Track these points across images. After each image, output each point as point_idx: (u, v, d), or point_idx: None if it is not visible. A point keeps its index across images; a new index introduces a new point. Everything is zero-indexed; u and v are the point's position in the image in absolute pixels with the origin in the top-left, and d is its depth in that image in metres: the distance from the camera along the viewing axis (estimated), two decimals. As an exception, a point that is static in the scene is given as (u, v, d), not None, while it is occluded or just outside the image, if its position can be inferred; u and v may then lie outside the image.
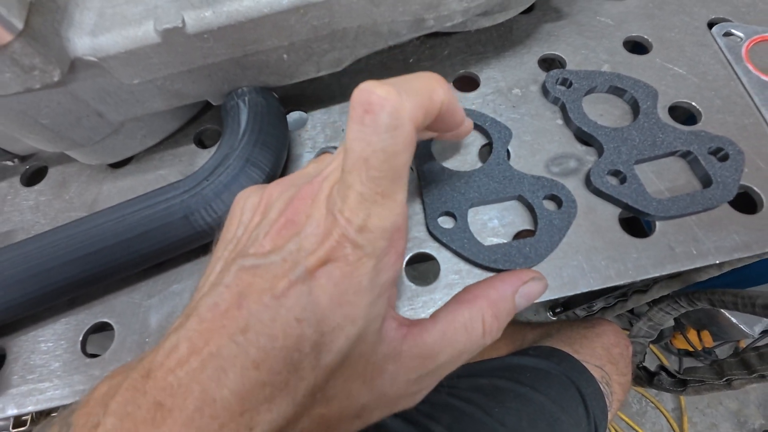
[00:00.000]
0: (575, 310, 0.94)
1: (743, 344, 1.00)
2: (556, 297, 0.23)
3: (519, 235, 0.25)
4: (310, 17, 0.23)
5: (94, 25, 0.21)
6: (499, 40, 0.32)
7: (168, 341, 0.14)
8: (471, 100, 0.30)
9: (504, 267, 0.24)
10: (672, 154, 0.26)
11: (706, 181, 0.25)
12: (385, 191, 0.13)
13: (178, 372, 0.13)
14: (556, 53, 0.31)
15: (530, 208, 0.25)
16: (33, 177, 0.30)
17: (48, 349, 0.25)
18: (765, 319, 0.96)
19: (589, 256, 0.24)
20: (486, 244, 0.24)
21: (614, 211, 0.25)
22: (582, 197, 0.25)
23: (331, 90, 0.31)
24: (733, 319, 0.93)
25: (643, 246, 0.24)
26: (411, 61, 0.32)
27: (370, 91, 0.13)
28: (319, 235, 0.14)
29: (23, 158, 0.30)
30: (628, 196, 0.24)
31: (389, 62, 0.32)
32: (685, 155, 0.26)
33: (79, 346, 0.24)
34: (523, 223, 0.25)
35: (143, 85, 0.24)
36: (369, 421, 0.15)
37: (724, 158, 0.25)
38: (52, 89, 0.21)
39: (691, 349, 1.01)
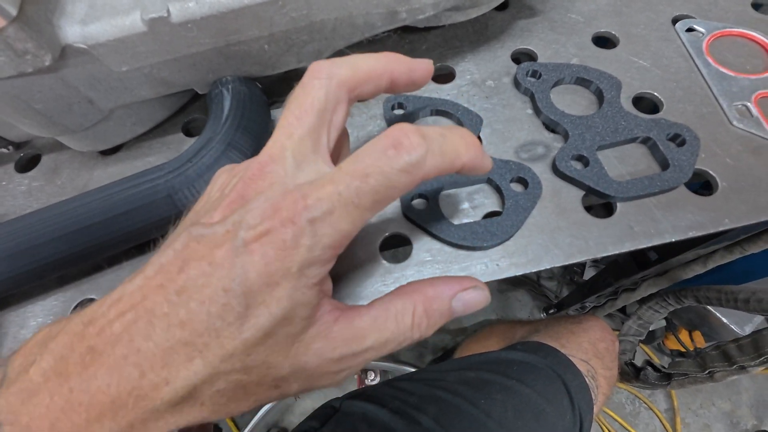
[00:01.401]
0: (568, 310, 0.95)
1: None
2: (523, 272, 0.25)
3: (488, 216, 0.26)
4: (289, 9, 0.24)
5: (85, 15, 0.23)
6: (474, 35, 0.34)
7: (114, 293, 0.15)
8: (446, 91, 0.31)
9: (472, 244, 0.25)
10: (633, 140, 0.27)
11: (664, 165, 0.26)
12: (361, 203, 0.14)
13: (114, 323, 0.14)
14: (529, 48, 0.33)
15: (498, 190, 0.27)
16: (27, 164, 0.32)
17: (37, 324, 0.26)
18: (755, 318, 0.97)
19: (554, 235, 0.25)
20: (456, 223, 0.26)
21: (578, 194, 0.26)
22: (548, 181, 0.27)
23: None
24: (724, 319, 0.94)
25: (604, 225, 0.25)
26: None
27: (406, 134, 0.14)
28: (264, 210, 0.14)
29: (18, 146, 0.31)
30: (590, 179, 0.26)
31: (370, 56, 0.34)
32: (645, 141, 0.27)
33: (66, 321, 0.26)
34: (492, 205, 0.27)
35: (131, 73, 0.25)
36: (287, 392, 0.16)
37: (682, 143, 0.26)
38: (44, 75, 0.23)
39: (683, 350, 1.02)
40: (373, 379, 0.94)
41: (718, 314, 0.95)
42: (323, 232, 0.14)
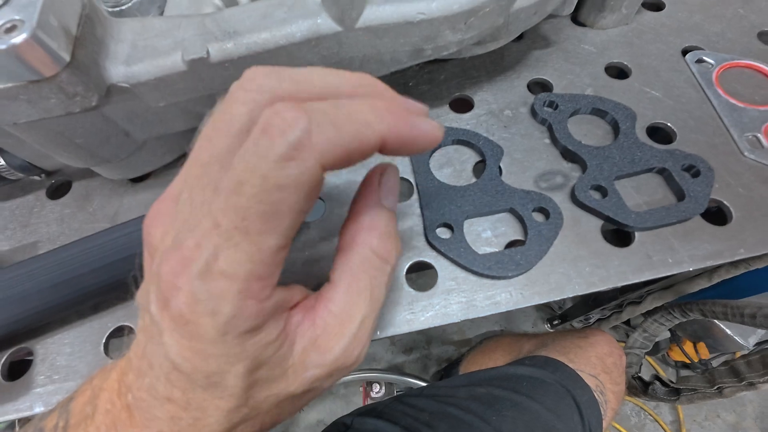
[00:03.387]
0: (572, 322, 0.96)
1: (739, 356, 1.01)
2: (546, 301, 0.25)
3: (511, 245, 0.27)
4: (321, 48, 0.25)
5: (128, 56, 0.24)
6: (491, 65, 0.35)
7: (131, 352, 0.15)
8: (466, 120, 0.32)
9: (497, 274, 0.26)
10: (649, 170, 0.28)
11: (680, 195, 0.27)
12: (247, 227, 0.11)
13: (133, 386, 0.14)
14: (544, 77, 0.34)
15: (521, 220, 0.28)
16: (58, 191, 0.33)
17: (73, 351, 0.26)
18: (759, 330, 0.97)
19: (575, 263, 0.26)
20: (480, 252, 0.27)
21: (597, 223, 0.27)
22: (568, 210, 0.28)
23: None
24: (728, 331, 0.94)
25: (623, 254, 0.26)
26: (410, 84, 0.35)
27: (277, 111, 0.11)
28: (160, 275, 0.12)
29: (49, 173, 0.32)
30: (609, 209, 0.27)
31: (390, 84, 0.35)
32: (661, 171, 0.28)
33: (101, 347, 0.26)
34: (515, 233, 0.28)
35: (168, 108, 0.26)
36: (318, 392, 0.15)
37: (696, 174, 0.27)
38: (88, 112, 0.24)
39: (687, 361, 1.02)
40: (378, 392, 0.94)
41: (722, 326, 0.95)
42: (219, 288, 0.11)
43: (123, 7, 0.30)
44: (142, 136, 0.28)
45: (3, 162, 0.28)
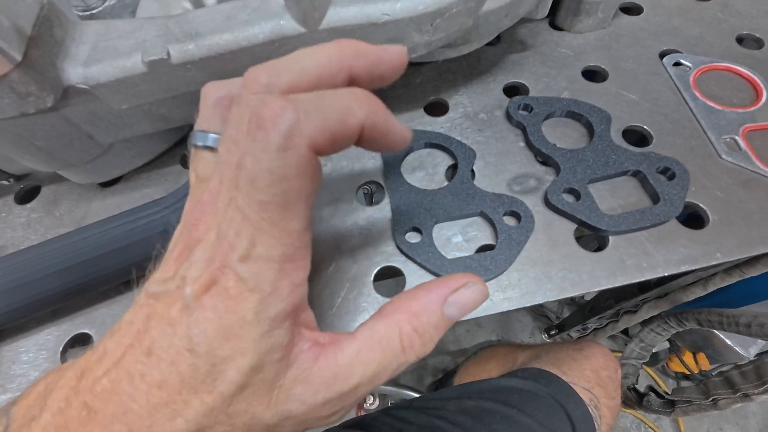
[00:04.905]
0: (569, 331, 0.94)
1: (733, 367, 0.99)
2: (516, 307, 0.25)
3: (481, 250, 0.27)
4: (284, 49, 0.25)
5: (88, 57, 0.23)
6: (468, 68, 0.35)
7: (100, 345, 0.15)
8: (440, 124, 0.32)
9: (466, 279, 0.25)
10: (624, 173, 0.28)
11: (655, 199, 0.26)
12: (272, 218, 0.13)
13: (102, 379, 0.14)
14: (520, 81, 0.34)
15: (492, 224, 0.27)
16: (27, 196, 0.32)
17: (29, 359, 0.25)
18: (759, 340, 0.96)
19: (546, 268, 0.25)
20: (449, 257, 0.26)
21: (570, 227, 0.27)
22: (540, 214, 0.27)
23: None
24: (728, 341, 0.93)
25: (596, 259, 0.25)
26: (386, 87, 0.34)
27: (264, 103, 0.12)
28: (205, 260, 0.13)
29: (18, 178, 0.32)
30: (582, 213, 0.26)
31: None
32: (636, 174, 0.28)
33: (59, 356, 0.25)
34: (486, 238, 0.27)
35: (131, 110, 0.26)
36: None
37: (672, 177, 0.27)
38: (46, 113, 0.23)
39: (687, 372, 1.00)
40: (371, 403, 0.92)
41: (722, 336, 0.93)
42: (259, 269, 0.13)
43: (94, 11, 0.30)
44: (107, 140, 0.28)
45: (-33, 166, 0.27)
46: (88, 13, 0.30)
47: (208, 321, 0.13)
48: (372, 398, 0.93)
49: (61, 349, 0.26)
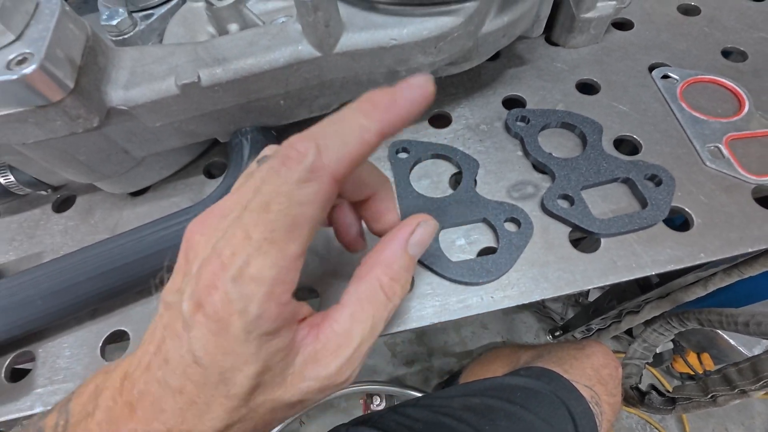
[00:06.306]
0: (573, 332, 0.95)
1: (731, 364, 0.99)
2: (515, 304, 0.27)
3: (483, 252, 0.29)
4: (303, 71, 0.27)
5: (127, 81, 0.26)
6: (469, 82, 0.37)
7: (139, 351, 0.16)
8: (444, 135, 0.34)
9: (469, 280, 0.27)
10: (614, 180, 0.30)
11: (643, 203, 0.29)
12: (274, 238, 0.13)
13: (139, 383, 0.15)
14: (518, 94, 0.36)
15: (493, 229, 0.29)
16: (63, 205, 0.35)
17: (72, 354, 0.28)
18: (762, 339, 0.96)
19: (543, 269, 0.27)
20: (453, 260, 0.28)
21: (565, 230, 0.29)
22: (537, 218, 0.29)
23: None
24: (732, 341, 0.93)
25: (589, 260, 0.27)
26: (393, 102, 0.37)
27: (291, 144, 0.14)
28: (195, 278, 0.14)
29: (55, 188, 0.35)
30: (575, 217, 0.28)
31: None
32: (626, 181, 0.30)
33: (98, 351, 0.28)
34: (487, 241, 0.29)
35: (163, 127, 0.28)
36: (307, 404, 0.17)
37: (659, 183, 0.29)
38: (90, 132, 0.26)
39: (692, 373, 1.01)
40: (378, 404, 0.94)
41: (726, 336, 0.94)
42: (249, 290, 0.13)
43: (125, 37, 0.33)
44: (140, 154, 0.30)
45: (12, 178, 0.30)
46: (120, 38, 0.33)
47: (203, 338, 0.14)
48: (379, 399, 0.95)
49: (100, 344, 0.28)
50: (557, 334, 1.03)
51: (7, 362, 0.28)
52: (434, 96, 0.16)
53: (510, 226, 0.29)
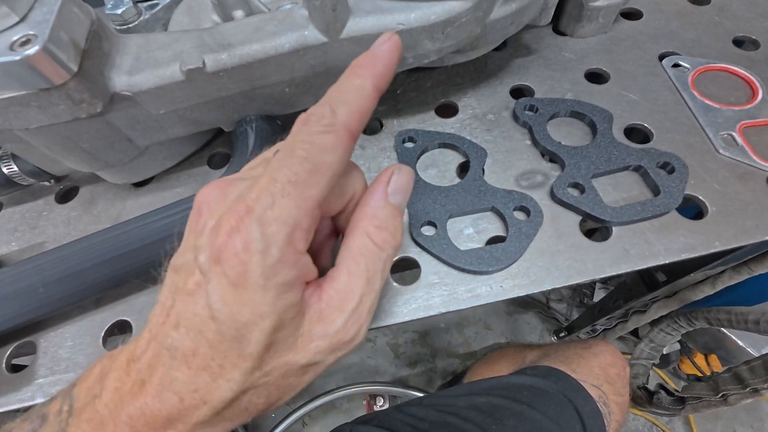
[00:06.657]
0: (579, 333, 0.94)
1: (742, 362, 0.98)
2: (525, 293, 0.26)
3: (492, 241, 0.28)
4: (308, 57, 0.27)
5: (131, 67, 0.26)
6: (475, 72, 0.37)
7: (144, 331, 0.17)
8: (450, 124, 0.34)
9: (478, 269, 0.27)
10: (626, 168, 0.29)
11: (656, 191, 0.28)
12: (298, 180, 0.14)
13: (147, 354, 0.16)
14: (526, 83, 0.35)
15: (502, 218, 0.29)
16: (66, 195, 0.35)
17: (74, 344, 0.28)
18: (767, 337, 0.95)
19: (554, 258, 0.27)
20: (462, 249, 0.28)
21: (575, 219, 0.28)
22: (547, 207, 0.29)
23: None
24: (740, 342, 0.92)
25: (601, 248, 0.27)
26: (398, 91, 0.37)
27: (310, 111, 0.16)
28: (214, 228, 0.14)
29: (58, 179, 0.34)
30: (586, 205, 0.28)
31: (380, 94, 0.37)
32: (637, 169, 0.29)
33: (101, 341, 0.28)
34: (496, 230, 0.29)
35: (167, 115, 0.28)
36: (319, 370, 0.17)
37: (671, 171, 0.28)
38: (92, 118, 0.26)
39: (699, 375, 0.99)
40: (382, 405, 0.93)
41: (733, 337, 0.93)
42: (272, 231, 0.14)
43: (130, 26, 0.33)
44: (144, 142, 0.30)
45: (16, 168, 0.30)
46: (125, 27, 0.33)
47: (221, 288, 0.14)
48: (382, 400, 0.94)
49: (102, 334, 0.28)
50: (562, 335, 1.02)
51: (8, 352, 0.27)
52: (401, 51, 0.18)
53: (519, 215, 0.29)
